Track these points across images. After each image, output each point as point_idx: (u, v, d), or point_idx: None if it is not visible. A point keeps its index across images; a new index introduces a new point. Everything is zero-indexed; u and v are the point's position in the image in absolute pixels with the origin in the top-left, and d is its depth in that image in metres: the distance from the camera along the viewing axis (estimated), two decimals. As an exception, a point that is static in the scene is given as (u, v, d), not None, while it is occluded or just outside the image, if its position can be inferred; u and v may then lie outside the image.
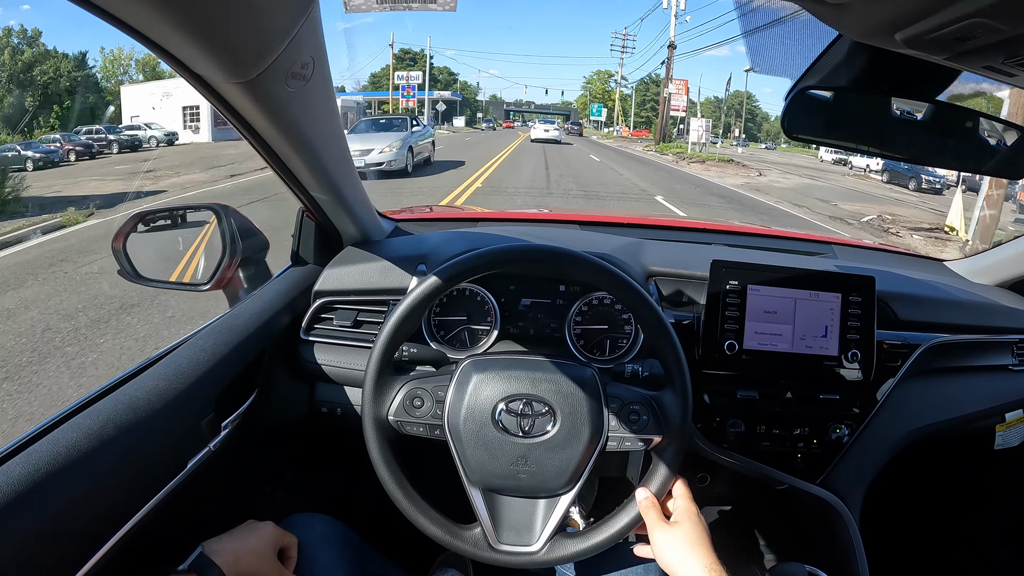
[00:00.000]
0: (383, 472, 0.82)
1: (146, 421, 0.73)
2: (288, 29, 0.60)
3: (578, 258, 0.83)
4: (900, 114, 0.71)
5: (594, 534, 0.82)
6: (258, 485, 1.16)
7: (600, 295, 1.09)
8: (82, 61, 37.57)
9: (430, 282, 0.82)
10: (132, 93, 31.93)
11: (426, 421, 0.83)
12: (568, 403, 0.81)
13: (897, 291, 1.17)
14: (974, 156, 0.76)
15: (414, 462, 0.86)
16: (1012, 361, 1.23)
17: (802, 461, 1.08)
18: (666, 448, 0.83)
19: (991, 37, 0.44)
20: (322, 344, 1.11)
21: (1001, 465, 1.42)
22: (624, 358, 1.07)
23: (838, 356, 1.03)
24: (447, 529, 0.82)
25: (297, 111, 0.76)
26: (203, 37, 0.54)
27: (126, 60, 40.15)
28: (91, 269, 5.48)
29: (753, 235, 1.59)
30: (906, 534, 1.57)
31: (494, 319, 1.09)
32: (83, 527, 0.64)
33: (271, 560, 0.80)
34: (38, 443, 0.64)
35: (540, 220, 1.76)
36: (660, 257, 1.19)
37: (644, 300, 0.83)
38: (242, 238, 1.13)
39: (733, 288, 1.02)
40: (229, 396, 0.91)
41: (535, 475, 0.81)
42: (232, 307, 1.06)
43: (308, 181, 0.95)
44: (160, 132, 23.52)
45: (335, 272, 1.13)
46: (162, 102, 28.83)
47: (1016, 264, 1.35)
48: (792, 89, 0.68)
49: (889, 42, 0.49)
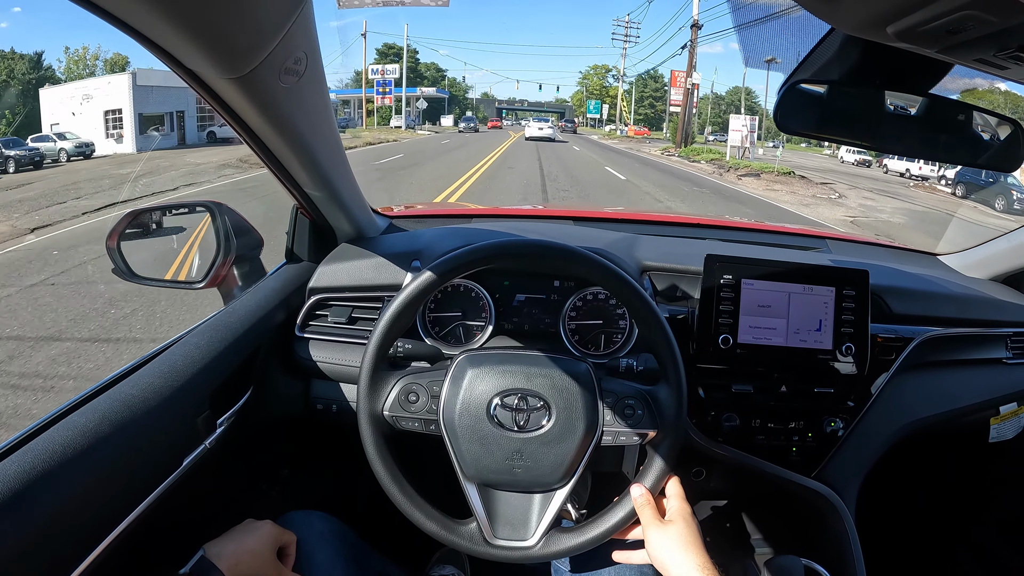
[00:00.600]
0: (378, 468, 0.82)
1: (141, 419, 0.73)
2: (281, 24, 0.60)
3: (572, 253, 0.83)
4: (893, 108, 0.71)
5: (589, 529, 0.82)
6: (254, 482, 1.16)
7: (595, 290, 1.09)
8: (37, 62, 32.99)
9: (424, 277, 0.82)
10: (51, 97, 24.85)
11: (421, 416, 0.83)
12: (563, 397, 0.81)
13: (891, 285, 1.18)
14: (968, 149, 0.76)
15: (410, 458, 0.86)
16: (1006, 354, 1.24)
17: (797, 455, 1.09)
18: (661, 442, 0.83)
19: (982, 29, 0.44)
20: (317, 341, 1.11)
21: (995, 458, 1.43)
22: (619, 353, 1.07)
23: (832, 350, 1.03)
24: (442, 524, 0.82)
25: (290, 107, 0.75)
26: (196, 32, 0.54)
27: (92, 60, 35.19)
28: None
29: (746, 230, 1.59)
30: (901, 527, 1.57)
31: (489, 315, 1.09)
32: (79, 525, 0.64)
33: (271, 560, 0.80)
34: (33, 441, 0.64)
35: (534, 216, 1.76)
36: (654, 252, 1.19)
37: (638, 294, 0.83)
38: (236, 236, 1.12)
39: (727, 282, 1.03)
40: (224, 393, 0.91)
41: (530, 470, 0.81)
42: (227, 305, 1.05)
43: (302, 178, 0.95)
44: (72, 143, 18.33)
45: (329, 269, 1.13)
46: (83, 106, 23.40)
47: (1009, 257, 1.36)
48: (784, 83, 0.68)
49: (881, 35, 0.49)
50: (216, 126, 24.07)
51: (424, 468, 0.90)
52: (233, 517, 0.83)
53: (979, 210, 13.97)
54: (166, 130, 23.84)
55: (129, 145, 22.27)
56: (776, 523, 1.39)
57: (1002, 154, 0.75)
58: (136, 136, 22.51)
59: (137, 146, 22.10)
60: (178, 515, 0.83)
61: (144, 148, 21.85)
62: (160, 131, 23.44)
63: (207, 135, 24.20)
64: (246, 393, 0.97)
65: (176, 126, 24.31)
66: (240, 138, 0.80)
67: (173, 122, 24.15)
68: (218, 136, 23.13)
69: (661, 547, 0.77)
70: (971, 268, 1.43)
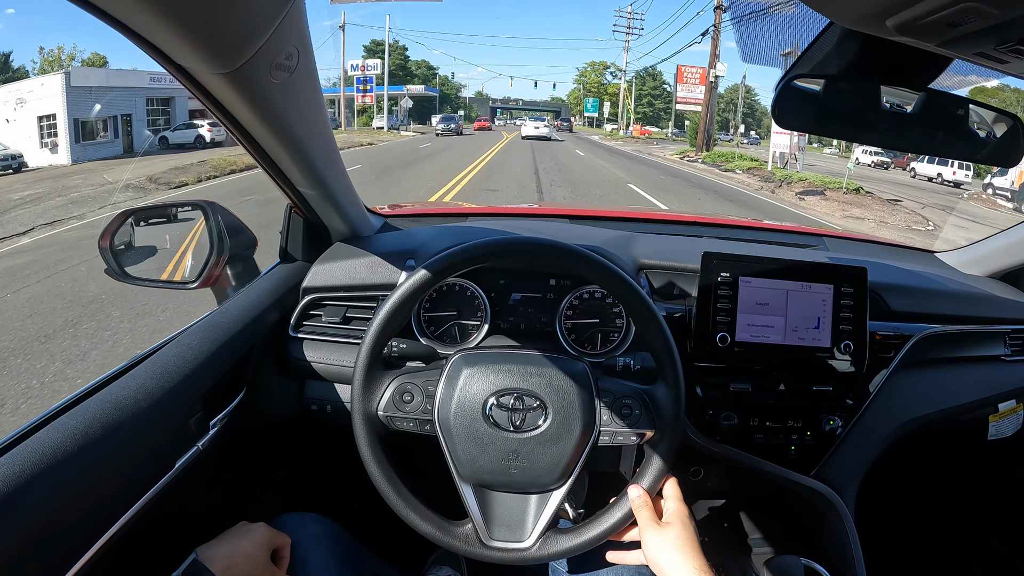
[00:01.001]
0: (373, 469, 0.81)
1: (133, 421, 0.72)
2: (272, 18, 0.59)
3: (567, 250, 0.82)
4: (891, 104, 0.70)
5: (586, 530, 0.82)
6: (248, 484, 1.15)
7: (591, 289, 1.08)
8: (5, 63, 30.51)
9: (419, 276, 0.81)
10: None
11: (416, 416, 0.82)
12: (559, 397, 0.81)
13: (889, 282, 1.18)
14: (966, 144, 0.75)
15: (405, 458, 0.85)
16: (1005, 351, 1.24)
17: (796, 453, 1.08)
18: (659, 442, 0.82)
19: (983, 22, 0.43)
20: (311, 341, 1.10)
21: (995, 455, 1.43)
22: (616, 352, 1.07)
23: (831, 347, 1.03)
24: (438, 526, 0.81)
25: (282, 103, 0.74)
26: (184, 26, 0.53)
27: (68, 60, 31.61)
28: None
29: (744, 227, 1.59)
30: (901, 525, 1.57)
31: (484, 314, 1.08)
32: (70, 529, 0.63)
33: (264, 562, 0.79)
34: (23, 444, 0.64)
35: (530, 214, 1.76)
36: (651, 250, 1.18)
37: (635, 292, 0.82)
38: (230, 235, 1.12)
39: (724, 280, 1.02)
40: (217, 394, 0.90)
41: (527, 470, 0.80)
42: (220, 305, 1.04)
43: (295, 176, 0.94)
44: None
45: (323, 268, 1.12)
46: (16, 112, 19.57)
47: (1007, 254, 1.35)
48: (782, 78, 0.67)
49: (880, 29, 0.48)
50: (169, 131, 21.08)
51: (419, 469, 0.89)
52: (226, 520, 0.82)
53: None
54: (109, 136, 20.03)
55: (64, 155, 18.55)
56: (775, 522, 1.38)
57: (1001, 149, 0.74)
58: (71, 145, 18.67)
59: (72, 156, 18.33)
60: (170, 518, 0.83)
61: (81, 158, 17.85)
62: (103, 138, 19.82)
63: (159, 140, 20.80)
64: (239, 394, 0.97)
65: (122, 132, 20.41)
66: (227, 140, 0.79)
67: (118, 127, 20.24)
68: (171, 142, 20.37)
69: (658, 549, 0.77)
70: (969, 265, 1.43)
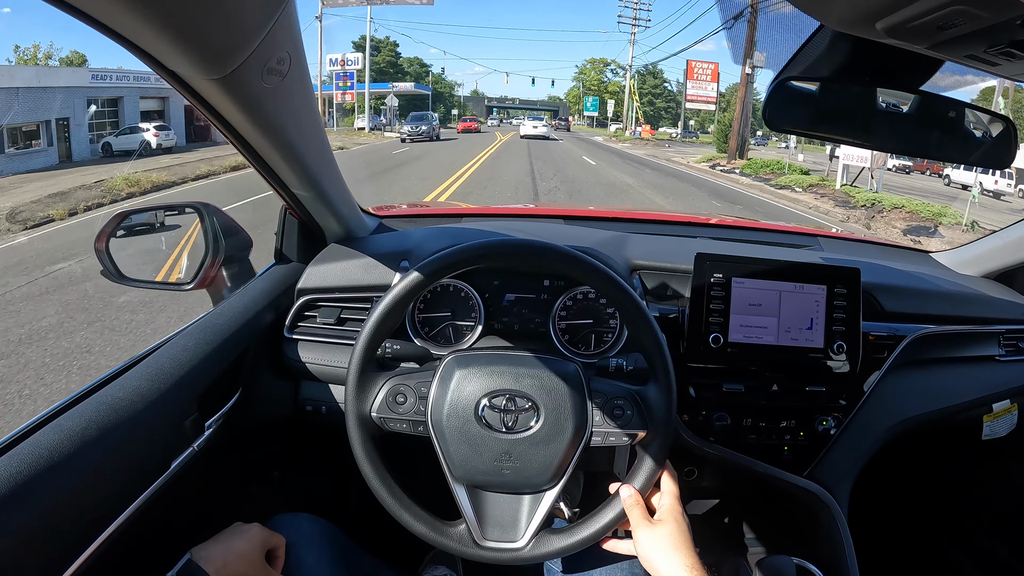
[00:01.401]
0: (367, 469, 0.81)
1: (128, 422, 0.73)
2: (263, 24, 0.59)
3: (560, 252, 0.82)
4: (885, 105, 0.70)
5: (579, 530, 0.82)
6: (243, 485, 1.15)
7: (585, 290, 1.08)
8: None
9: (412, 277, 0.81)
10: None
11: (409, 417, 0.82)
12: (551, 398, 0.81)
13: (883, 282, 1.18)
14: (960, 146, 0.75)
15: (399, 459, 0.85)
16: (999, 351, 1.24)
17: (789, 453, 1.08)
18: (651, 442, 0.83)
19: (972, 25, 0.43)
20: (306, 342, 1.10)
21: (989, 455, 1.43)
22: (609, 352, 1.07)
23: (824, 348, 1.03)
24: (431, 526, 0.81)
25: (275, 107, 0.74)
26: (175, 32, 0.53)
27: (44, 59, 29.21)
28: None
29: (738, 228, 1.58)
30: (894, 525, 1.58)
31: (478, 315, 1.08)
32: (66, 530, 0.63)
33: (259, 563, 0.80)
34: (19, 446, 0.64)
35: (524, 215, 1.75)
36: (644, 250, 1.18)
37: (626, 293, 0.82)
38: (225, 236, 1.12)
39: (718, 281, 1.02)
40: (213, 395, 0.90)
41: (519, 471, 0.80)
42: (215, 306, 1.04)
43: (289, 178, 0.94)
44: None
45: (318, 269, 1.12)
46: None
47: (1002, 255, 1.35)
48: (774, 80, 0.67)
49: (870, 31, 0.48)
50: (112, 136, 18.69)
51: (413, 469, 0.89)
52: (222, 520, 0.83)
53: None
54: (42, 144, 17.22)
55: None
56: (768, 522, 1.39)
57: (994, 151, 0.74)
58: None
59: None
60: (165, 519, 0.83)
61: (6, 170, 15.02)
62: (36, 146, 17.08)
63: (102, 147, 18.55)
64: (235, 395, 0.97)
65: (58, 138, 17.68)
66: (222, 141, 0.79)
67: (52, 134, 17.45)
68: (115, 149, 18.33)
69: (650, 547, 0.77)
70: (963, 265, 1.43)
